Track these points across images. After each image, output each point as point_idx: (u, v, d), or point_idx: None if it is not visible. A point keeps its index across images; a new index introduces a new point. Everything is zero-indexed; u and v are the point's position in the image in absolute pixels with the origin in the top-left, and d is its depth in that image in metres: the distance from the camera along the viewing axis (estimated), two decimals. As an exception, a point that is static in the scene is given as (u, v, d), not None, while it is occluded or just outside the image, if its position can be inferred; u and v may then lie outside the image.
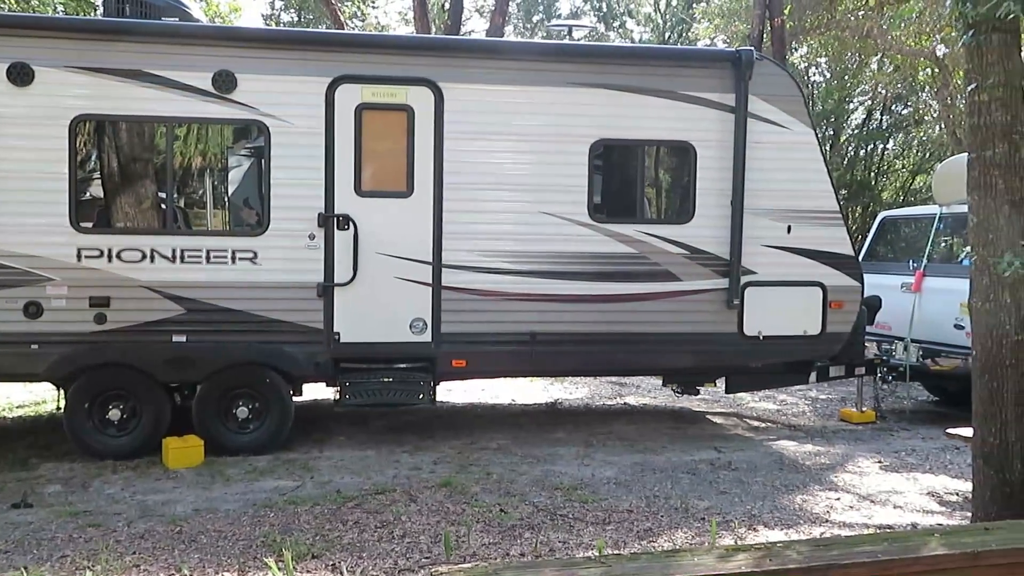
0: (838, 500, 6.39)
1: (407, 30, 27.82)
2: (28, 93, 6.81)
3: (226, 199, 7.97)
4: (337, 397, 7.42)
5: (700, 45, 24.78)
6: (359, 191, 7.28)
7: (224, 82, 7.06)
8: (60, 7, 14.27)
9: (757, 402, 10.09)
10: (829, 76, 23.47)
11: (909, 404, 9.70)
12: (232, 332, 7.14)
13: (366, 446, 7.64)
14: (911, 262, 9.42)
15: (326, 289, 7.25)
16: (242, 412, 7.26)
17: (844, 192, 20.07)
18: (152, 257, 7.02)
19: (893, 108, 23.33)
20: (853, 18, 18.39)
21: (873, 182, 23.17)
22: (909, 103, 23.13)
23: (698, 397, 9.62)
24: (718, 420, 9.14)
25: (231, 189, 7.89)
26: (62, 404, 7.20)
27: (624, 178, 8.17)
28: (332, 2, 18.15)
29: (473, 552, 5.17)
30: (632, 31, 36.30)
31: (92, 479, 6.55)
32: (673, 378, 8.90)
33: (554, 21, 32.45)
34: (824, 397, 10.48)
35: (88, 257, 6.92)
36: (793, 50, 20.19)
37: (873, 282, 8.83)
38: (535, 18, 36.32)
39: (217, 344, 7.13)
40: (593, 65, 7.67)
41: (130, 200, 7.30)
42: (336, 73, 7.22)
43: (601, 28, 34.95)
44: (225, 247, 7.15)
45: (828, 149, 20.40)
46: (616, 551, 5.16)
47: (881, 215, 11.04)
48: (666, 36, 32.89)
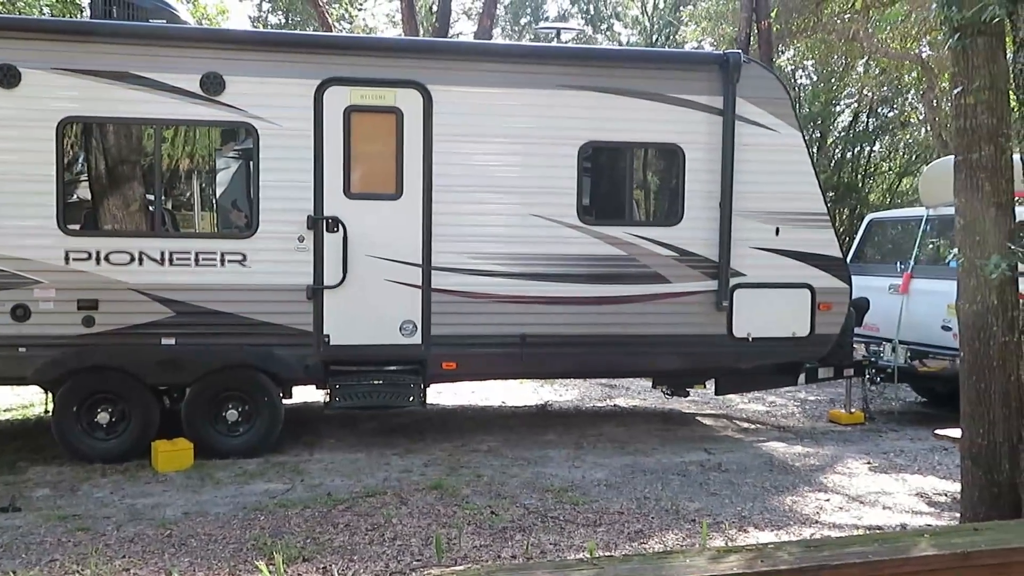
0: (828, 501, 6.41)
1: (395, 32, 27.80)
2: (15, 95, 6.78)
3: (214, 201, 7.95)
4: (327, 400, 7.41)
5: (687, 48, 24.86)
6: (348, 193, 7.28)
7: (212, 84, 7.04)
8: (47, 9, 14.20)
9: (746, 404, 10.12)
10: (816, 79, 23.58)
11: (897, 405, 9.75)
12: (221, 335, 7.12)
13: (356, 449, 7.63)
14: (898, 264, 9.47)
15: (315, 291, 7.23)
16: (232, 415, 7.24)
17: (831, 194, 20.15)
18: (140, 259, 6.99)
19: (879, 111, 23.45)
20: (839, 21, 18.48)
21: (860, 184, 23.28)
22: (895, 106, 23.26)
23: (688, 399, 9.63)
24: (708, 422, 9.16)
25: (219, 191, 7.87)
26: (50, 407, 7.16)
27: (613, 180, 8.19)
28: (320, 4, 18.12)
29: (464, 554, 5.17)
30: (620, 34, 36.36)
31: (81, 483, 6.52)
32: (663, 380, 8.94)
33: (542, 24, 32.45)
34: (813, 398, 10.53)
35: (76, 260, 6.89)
36: (780, 53, 20.26)
37: (861, 284, 8.88)
38: (523, 21, 36.35)
39: (206, 347, 7.11)
40: (582, 68, 7.69)
41: (118, 202, 7.27)
42: (324, 75, 7.21)
43: (589, 31, 35.00)
44: (214, 249, 7.13)
45: (815, 151, 20.46)
46: (607, 553, 5.17)
47: (868, 217, 11.10)
48: (654, 39, 32.94)
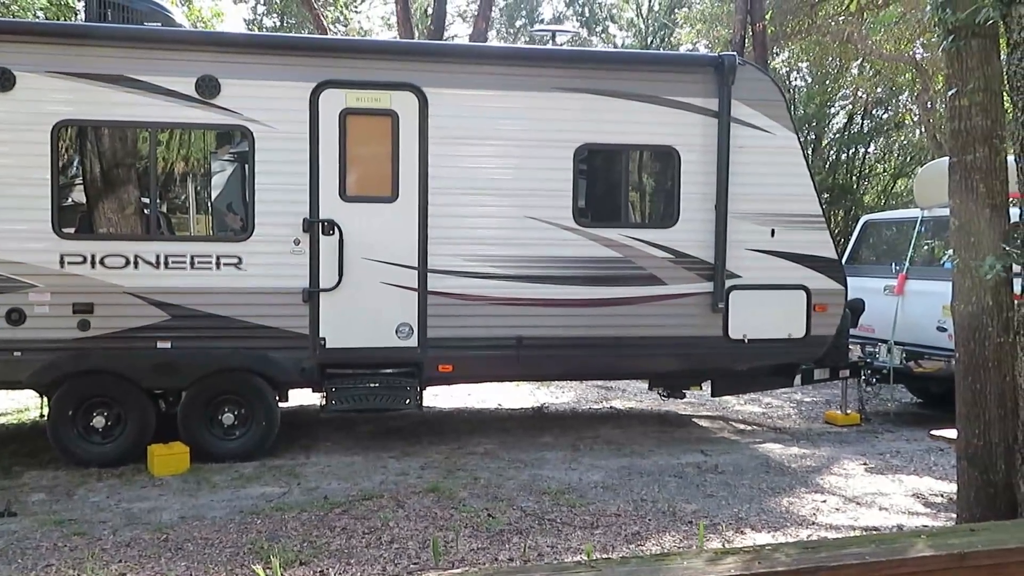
0: (824, 502, 6.42)
1: (390, 35, 27.81)
2: (9, 98, 6.77)
3: (210, 204, 7.93)
4: (323, 403, 7.39)
5: (682, 50, 24.91)
6: (344, 196, 7.27)
7: (207, 87, 7.03)
8: (40, 12, 14.17)
9: (742, 405, 10.13)
10: (810, 81, 23.65)
11: (893, 406, 9.77)
12: (217, 338, 7.10)
13: (353, 452, 7.62)
14: (893, 265, 9.49)
15: (311, 294, 7.23)
16: (228, 418, 7.23)
17: (826, 196, 20.20)
18: (136, 263, 6.98)
19: (874, 112, 23.51)
20: (834, 23, 18.54)
21: (855, 186, 23.34)
22: (889, 108, 23.33)
23: (684, 400, 9.64)
24: (704, 423, 9.16)
25: (215, 194, 7.85)
26: (46, 412, 7.15)
27: (609, 182, 8.20)
28: (315, 7, 18.13)
29: (461, 557, 5.16)
30: (615, 36, 36.43)
31: (77, 487, 6.50)
32: (659, 381, 8.95)
33: (537, 26, 32.54)
34: (809, 400, 10.54)
35: (71, 263, 6.88)
36: (775, 55, 20.32)
37: (856, 285, 8.90)
38: (518, 23, 36.39)
39: (202, 350, 7.09)
40: (577, 70, 7.70)
41: (113, 206, 7.26)
42: (320, 78, 7.21)
43: (584, 33, 35.07)
44: (209, 253, 7.12)
45: (810, 153, 20.53)
46: (604, 555, 5.17)
47: (863, 219, 11.12)
48: (648, 41, 33.03)
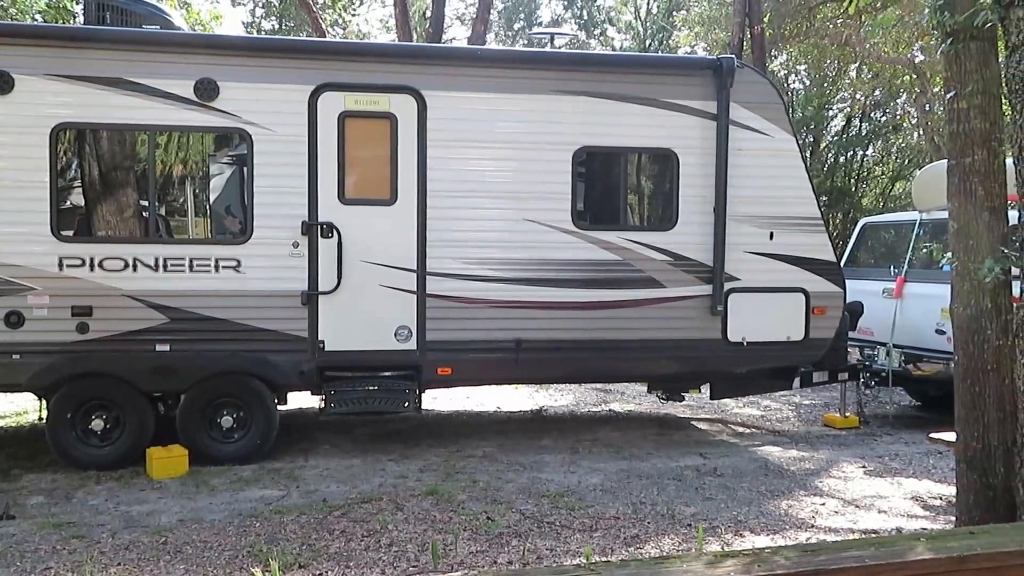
0: (823, 505, 6.42)
1: (388, 38, 27.83)
2: (8, 101, 6.77)
3: (209, 207, 7.93)
4: (322, 406, 7.39)
5: (680, 53, 24.93)
6: (343, 199, 7.27)
7: (206, 90, 7.03)
8: (39, 15, 14.16)
9: (741, 408, 10.13)
10: (809, 83, 23.68)
11: (892, 409, 9.77)
12: (216, 341, 7.10)
13: (351, 455, 7.61)
14: (892, 268, 9.50)
15: (310, 297, 7.23)
16: (226, 421, 7.23)
17: (824, 199, 20.23)
18: (135, 266, 6.97)
19: (872, 115, 23.54)
20: (832, 26, 18.57)
21: (853, 188, 23.37)
22: (888, 110, 23.35)
23: (683, 403, 9.65)
24: (703, 426, 9.16)
25: (214, 197, 7.85)
26: (44, 414, 7.14)
27: (607, 185, 8.20)
28: (313, 10, 18.14)
29: (461, 560, 5.16)
30: (613, 39, 36.46)
31: (75, 490, 6.50)
32: (658, 384, 8.95)
33: (535, 29, 32.59)
34: (808, 403, 10.54)
35: (70, 266, 6.87)
36: (773, 58, 20.36)
37: (855, 288, 8.90)
38: (516, 26, 36.42)
39: (201, 353, 7.09)
40: (576, 73, 7.70)
41: (112, 209, 7.26)
42: (319, 81, 7.21)
43: (582, 36, 35.10)
44: (208, 256, 7.11)
45: (808, 156, 20.55)
46: (603, 558, 5.17)
47: (862, 221, 11.13)
48: (647, 44, 33.07)
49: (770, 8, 17.63)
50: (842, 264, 8.93)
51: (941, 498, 6.59)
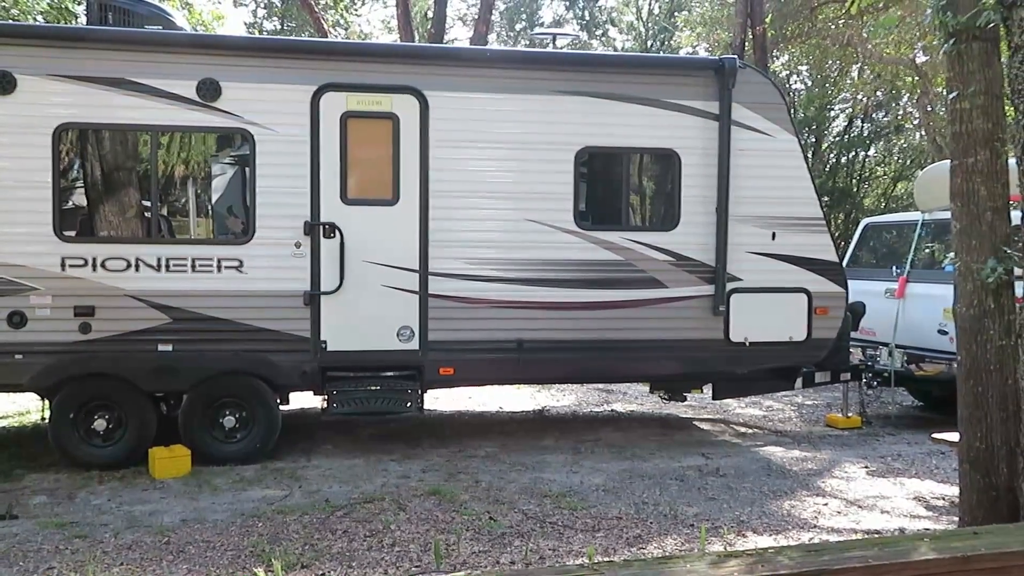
0: (826, 505, 6.41)
1: (390, 38, 27.83)
2: (11, 101, 6.77)
3: (211, 208, 7.93)
4: (324, 406, 7.39)
5: (682, 53, 24.92)
6: (345, 199, 7.27)
7: (208, 90, 7.04)
8: (41, 16, 14.17)
9: (743, 408, 10.13)
10: (810, 84, 23.67)
11: (894, 409, 9.77)
12: (218, 341, 7.10)
13: (354, 455, 7.61)
14: (894, 268, 9.49)
15: (312, 297, 7.23)
16: (229, 421, 7.23)
17: (826, 199, 20.21)
18: (137, 266, 6.98)
19: (874, 115, 23.53)
20: (834, 26, 18.56)
21: (855, 189, 23.36)
22: (890, 111, 23.34)
23: (685, 403, 9.65)
24: (705, 426, 9.16)
25: (216, 197, 7.86)
26: (47, 414, 7.14)
27: (609, 185, 8.20)
28: (315, 10, 18.15)
29: (463, 560, 5.16)
30: (615, 39, 36.46)
31: (78, 490, 6.50)
32: (660, 385, 8.94)
33: (537, 30, 32.59)
34: (810, 403, 10.54)
35: (72, 266, 6.88)
36: (775, 58, 20.35)
37: (857, 288, 8.89)
38: (518, 26, 36.42)
39: (203, 353, 7.09)
40: (578, 73, 7.70)
41: (114, 209, 7.27)
42: (321, 81, 7.21)
43: (584, 36, 35.10)
44: (210, 256, 7.12)
45: (810, 156, 20.54)
46: (606, 558, 5.16)
47: (864, 222, 11.12)
48: (648, 44, 33.06)
49: (772, 9, 17.63)
50: (844, 264, 8.93)
51: (944, 499, 6.59)
